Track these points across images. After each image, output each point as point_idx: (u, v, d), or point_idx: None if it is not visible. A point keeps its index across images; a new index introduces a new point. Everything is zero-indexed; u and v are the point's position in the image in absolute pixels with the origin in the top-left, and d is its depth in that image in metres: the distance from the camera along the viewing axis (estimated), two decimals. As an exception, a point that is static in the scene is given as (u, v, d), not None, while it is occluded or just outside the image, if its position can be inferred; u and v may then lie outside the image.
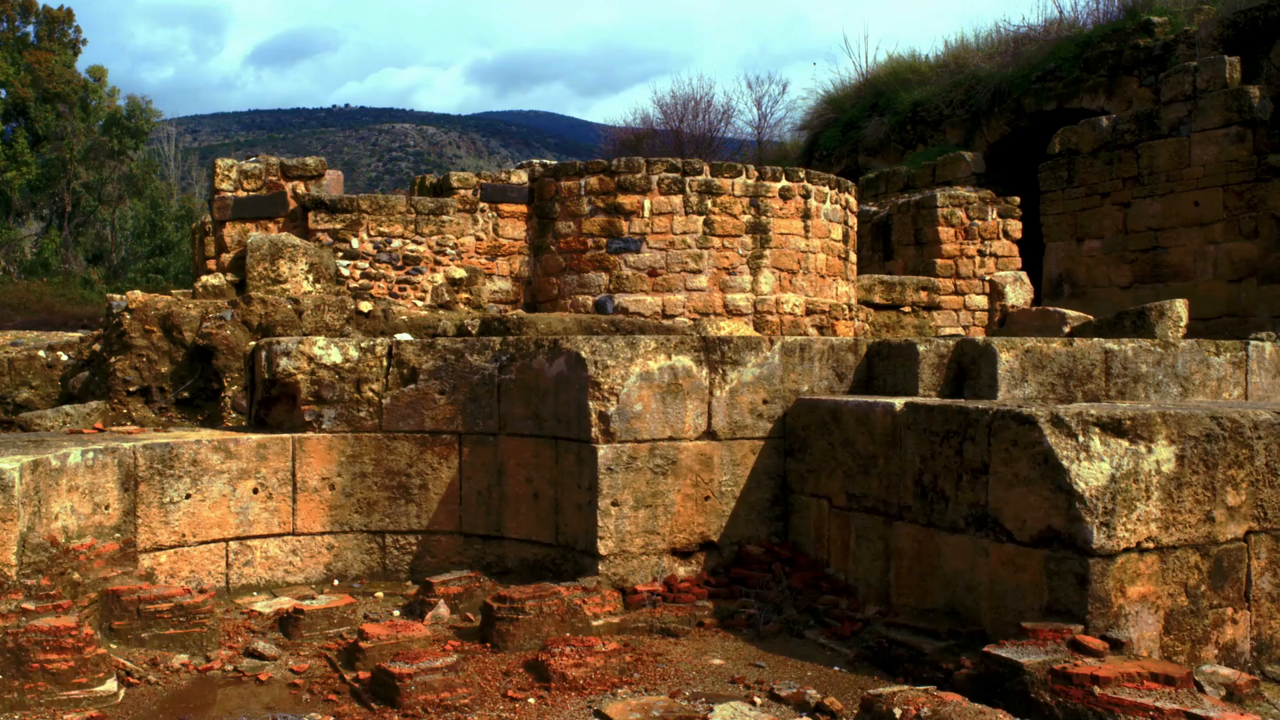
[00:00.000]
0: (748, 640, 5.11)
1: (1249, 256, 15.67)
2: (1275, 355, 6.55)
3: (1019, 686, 3.87)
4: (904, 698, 3.69)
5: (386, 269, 11.41)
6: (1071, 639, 4.08)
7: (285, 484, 6.16)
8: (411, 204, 11.54)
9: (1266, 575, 4.66)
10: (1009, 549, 4.48)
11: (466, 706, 4.18)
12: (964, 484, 4.69)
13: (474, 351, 6.27)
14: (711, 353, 5.77)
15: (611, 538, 5.54)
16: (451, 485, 6.29)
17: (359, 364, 6.32)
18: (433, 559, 6.31)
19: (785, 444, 5.88)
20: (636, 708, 4.07)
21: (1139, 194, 16.88)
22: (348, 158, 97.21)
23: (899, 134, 23.23)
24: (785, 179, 12.11)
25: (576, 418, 5.69)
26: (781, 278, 11.92)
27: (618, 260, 11.58)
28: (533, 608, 5.02)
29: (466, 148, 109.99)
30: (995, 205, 16.33)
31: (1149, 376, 6.02)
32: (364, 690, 4.36)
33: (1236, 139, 15.75)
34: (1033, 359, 5.67)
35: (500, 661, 4.76)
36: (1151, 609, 4.35)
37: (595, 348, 5.61)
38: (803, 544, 5.76)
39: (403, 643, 4.69)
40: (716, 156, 27.56)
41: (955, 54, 24.14)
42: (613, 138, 35.53)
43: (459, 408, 6.25)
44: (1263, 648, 4.65)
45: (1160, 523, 4.37)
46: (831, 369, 6.04)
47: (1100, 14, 20.59)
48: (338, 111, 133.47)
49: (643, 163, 11.84)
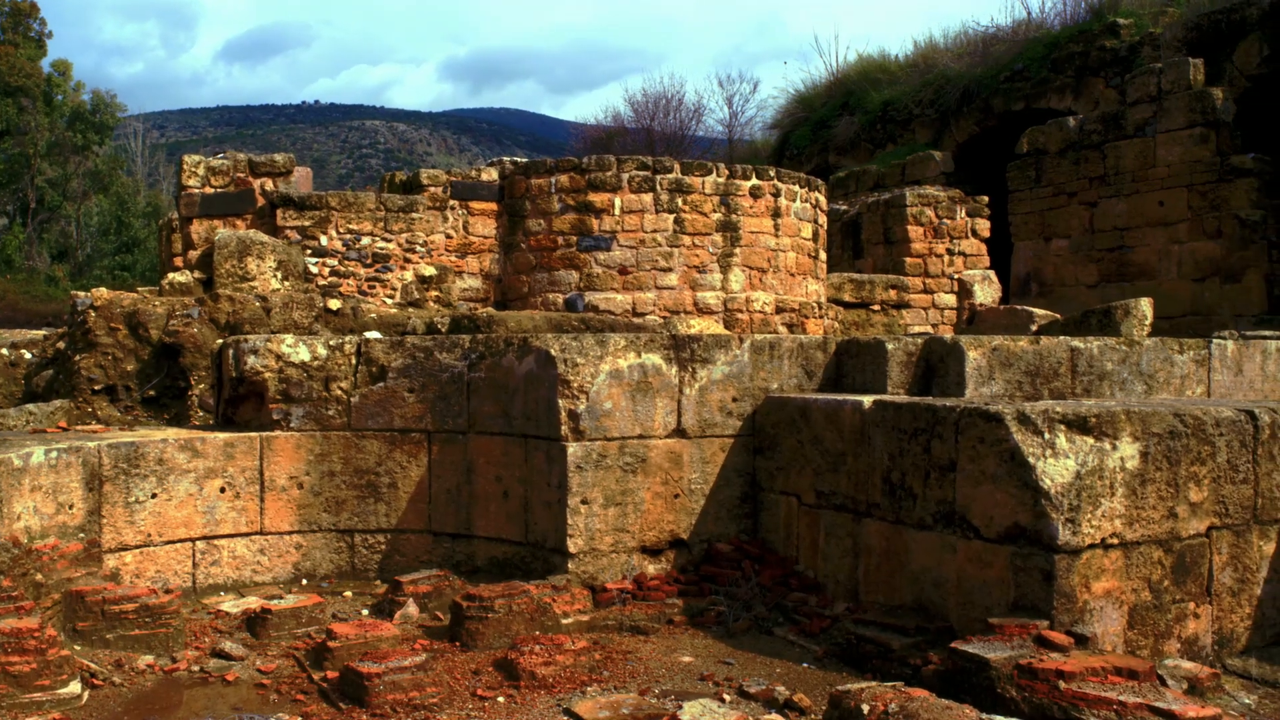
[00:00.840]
0: (717, 637, 5.12)
1: (1212, 256, 15.86)
2: (1237, 353, 6.63)
3: (986, 682, 3.90)
4: (872, 694, 3.70)
5: (356, 266, 11.35)
6: (1037, 634, 4.11)
7: (253, 483, 6.12)
8: (381, 201, 11.49)
9: (1228, 570, 4.72)
10: (976, 546, 4.52)
11: (435, 706, 4.16)
12: (932, 481, 4.72)
13: (443, 349, 6.25)
14: (681, 351, 5.77)
15: (581, 536, 5.53)
16: (421, 484, 6.26)
17: (327, 362, 6.28)
18: (402, 558, 6.28)
19: (755, 442, 5.90)
20: (606, 705, 4.07)
21: (1105, 194, 17.05)
22: (317, 154, 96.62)
23: (869, 133, 23.35)
24: (755, 177, 12.14)
25: (546, 416, 5.69)
26: (752, 276, 11.95)
27: (588, 258, 11.57)
28: (502, 606, 5.01)
29: (437, 145, 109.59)
30: (964, 204, 16.45)
31: (1114, 374, 6.08)
32: (332, 690, 4.34)
33: (1200, 140, 15.93)
34: (1000, 357, 5.71)
35: (469, 660, 4.75)
36: (1116, 604, 4.39)
37: (565, 346, 5.60)
38: (772, 541, 5.78)
39: (371, 642, 4.67)
40: (687, 155, 27.59)
41: (924, 54, 24.29)
42: (584, 135, 35.52)
43: (428, 406, 6.22)
44: (1224, 641, 4.71)
45: (1124, 519, 4.42)
46: (801, 367, 6.06)
47: (1067, 15, 20.79)
48: (307, 108, 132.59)
49: (613, 161, 11.84)
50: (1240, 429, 4.77)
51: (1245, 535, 4.78)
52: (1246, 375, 6.69)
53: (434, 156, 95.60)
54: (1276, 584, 4.89)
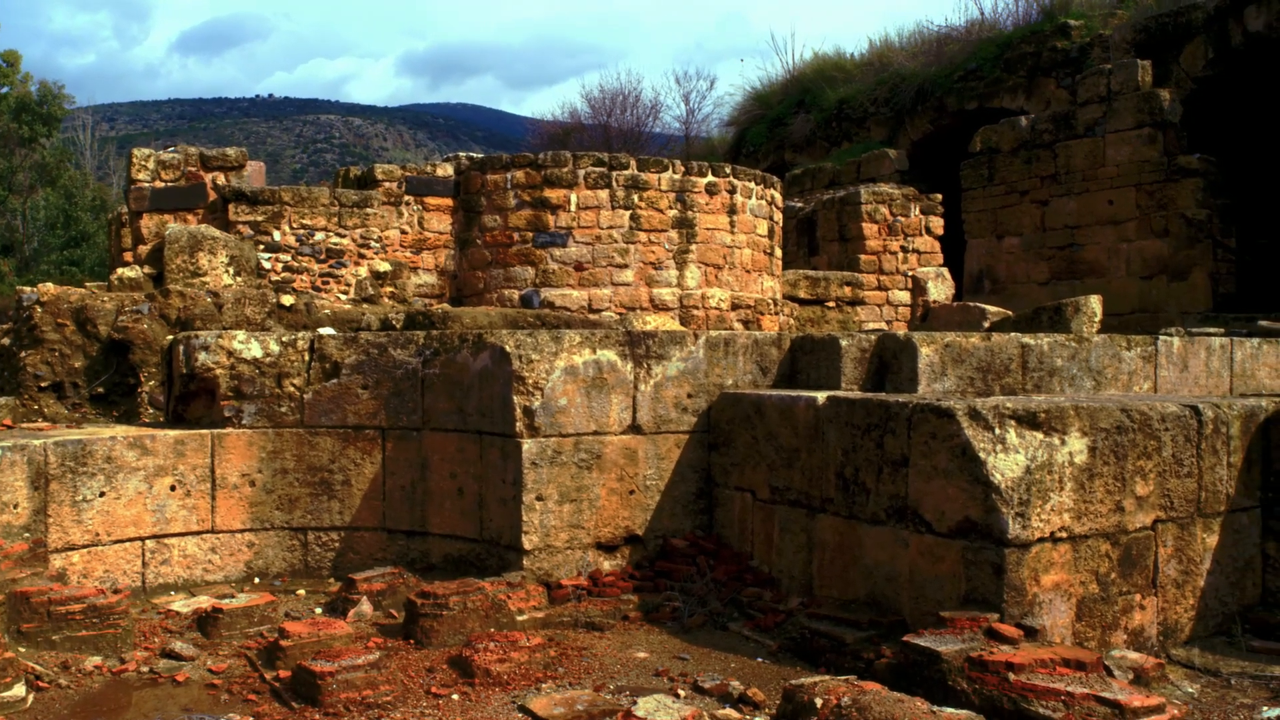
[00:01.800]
0: (672, 633, 5.14)
1: (1160, 254, 16.12)
2: (1182, 350, 6.75)
3: (937, 674, 3.94)
4: (825, 687, 3.73)
5: (309, 262, 11.24)
6: (988, 627, 4.16)
7: (204, 481, 6.05)
8: (335, 196, 11.38)
9: (1172, 562, 4.81)
10: (928, 540, 4.56)
11: (389, 704, 4.14)
12: (885, 476, 4.76)
13: (397, 346, 6.21)
14: (636, 347, 5.78)
15: (536, 532, 5.52)
16: (375, 481, 6.22)
17: (280, 358, 6.22)
18: (356, 556, 6.23)
19: (710, 438, 5.92)
20: (561, 702, 4.07)
21: (1056, 192, 17.28)
22: (271, 149, 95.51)
23: (825, 131, 23.48)
24: (711, 174, 12.17)
25: (501, 412, 5.67)
26: (707, 272, 11.98)
27: (544, 254, 11.54)
28: (457, 603, 4.99)
29: (393, 140, 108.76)
30: (918, 202, 16.60)
31: (1064, 370, 6.17)
32: (284, 689, 4.30)
33: (1148, 140, 16.19)
34: (952, 353, 5.77)
35: (424, 658, 4.72)
36: (1064, 597, 4.46)
37: (520, 342, 5.59)
38: (727, 537, 5.80)
39: (325, 641, 4.63)
40: (644, 151, 27.60)
41: (880, 53, 24.48)
42: (541, 131, 35.41)
43: (382, 402, 6.18)
44: (1168, 632, 4.79)
45: (1073, 513, 4.48)
46: (755, 363, 6.09)
47: (1020, 16, 21.02)
48: (261, 101, 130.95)
49: (569, 157, 11.82)
50: (1185, 424, 4.86)
51: (1189, 528, 4.87)
52: (1191, 371, 6.81)
53: (390, 152, 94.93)
54: (1219, 575, 4.98)
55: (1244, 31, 15.79)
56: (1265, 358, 7.23)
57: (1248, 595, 5.10)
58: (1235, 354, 7.09)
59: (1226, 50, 16.06)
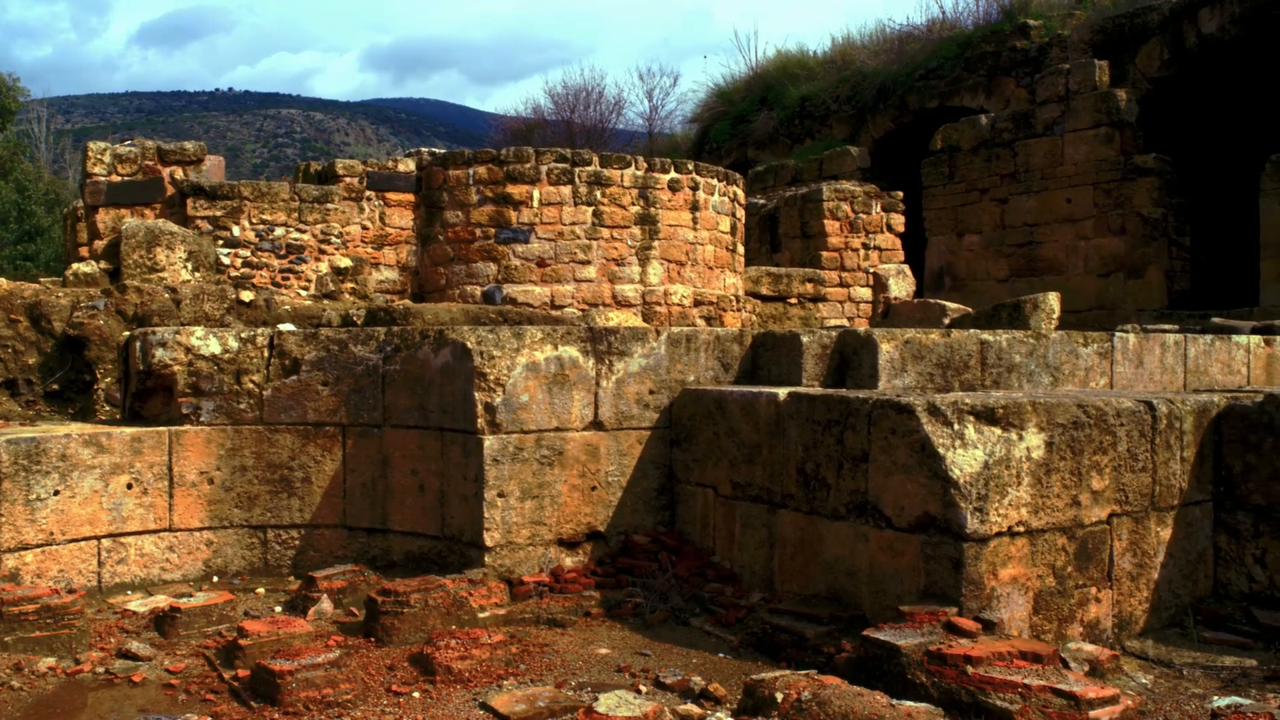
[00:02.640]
0: (634, 629, 5.14)
1: (1117, 252, 16.34)
2: (1138, 346, 6.84)
3: (897, 668, 3.97)
4: (785, 682, 3.75)
5: (269, 258, 11.15)
6: (946, 621, 4.20)
7: (161, 479, 5.98)
8: (295, 191, 11.29)
9: (1127, 555, 4.87)
10: (888, 535, 4.59)
11: (350, 702, 4.12)
12: (845, 472, 4.79)
13: (358, 342, 6.17)
14: (598, 343, 5.78)
15: (498, 529, 5.51)
16: (335, 478, 6.18)
17: (239, 355, 6.16)
18: (316, 553, 6.19)
19: (671, 434, 5.93)
20: (522, 699, 4.06)
21: (1016, 190, 17.47)
22: (231, 143, 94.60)
23: (787, 128, 23.59)
24: (674, 171, 12.19)
25: (462, 409, 5.65)
26: (670, 269, 12.00)
27: (506, 250, 11.51)
28: (418, 601, 4.97)
29: (355, 135, 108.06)
30: (879, 199, 16.72)
31: (1022, 366, 6.23)
32: (243, 689, 4.26)
33: (1105, 139, 16.39)
34: (912, 350, 5.82)
35: (384, 656, 4.70)
36: (1022, 590, 4.51)
37: (481, 338, 5.57)
38: (689, 533, 5.82)
39: (284, 639, 4.60)
40: (607, 148, 27.57)
41: (842, 51, 24.62)
42: (504, 127, 35.32)
43: (343, 399, 6.14)
44: (1123, 624, 4.86)
45: (1030, 507, 4.53)
46: (717, 359, 6.11)
47: (980, 15, 21.23)
48: (221, 95, 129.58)
49: (532, 153, 11.80)
50: (1140, 419, 4.93)
51: (1144, 522, 4.94)
52: (1147, 367, 6.91)
53: (352, 147, 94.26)
54: (1173, 568, 5.06)
55: (1198, 33, 16.04)
56: (1218, 354, 7.35)
57: (1200, 587, 5.19)
58: (1189, 350, 7.19)
59: (1181, 52, 16.30)
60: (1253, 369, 7.59)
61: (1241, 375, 7.52)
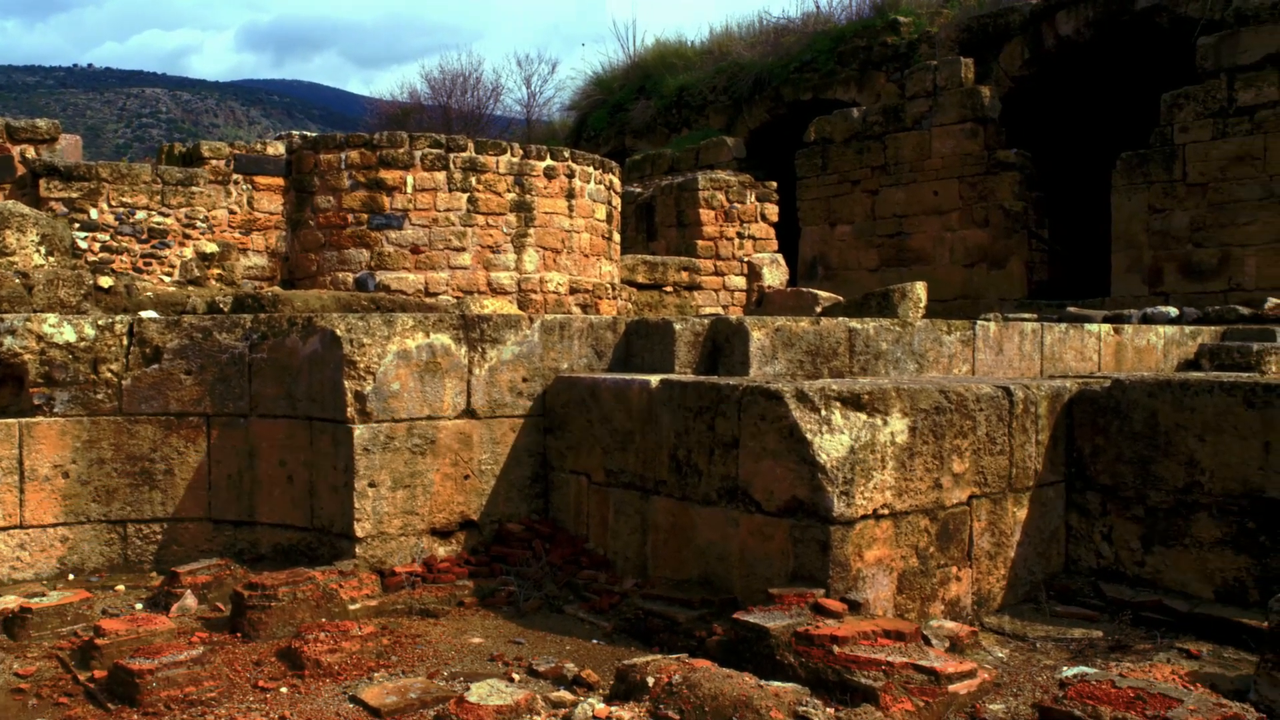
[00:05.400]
0: (508, 618, 5.13)
1: (981, 243, 16.90)
2: (998, 334, 7.10)
3: (766, 650, 4.05)
4: (657, 666, 3.79)
5: (130, 242, 10.73)
6: (814, 602, 4.30)
7: (11, 473, 5.71)
8: (158, 173, 10.89)
9: (986, 535, 5.06)
10: (758, 519, 4.68)
11: (214, 700, 4.01)
12: (716, 458, 4.85)
13: (223, 329, 5.99)
14: (471, 331, 5.73)
15: (369, 519, 5.43)
16: (200, 470, 6.00)
17: (96, 343, 5.92)
18: (180, 548, 6.00)
19: (545, 422, 5.92)
20: (393, 690, 4.02)
21: (886, 182, 17.91)
22: (91, 123, 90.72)
23: (665, 117, 23.71)
24: (550, 158, 12.15)
25: (332, 398, 5.54)
26: (546, 257, 11.96)
27: (379, 237, 11.32)
28: (286, 594, 4.87)
29: (225, 116, 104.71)
30: (754, 189, 16.94)
31: (889, 354, 6.40)
32: (100, 690, 4.11)
33: (970, 135, 16.93)
34: (783, 337, 5.92)
35: (251, 651, 4.59)
36: (886, 571, 4.64)
37: (351, 326, 5.47)
38: (563, 520, 5.82)
39: (144, 637, 4.45)
40: (485, 134, 27.31)
41: (719, 41, 24.86)
42: (380, 111, 34.69)
43: (207, 388, 5.96)
44: (982, 601, 5.05)
45: (894, 490, 4.67)
46: (591, 347, 6.12)
47: (853, 11, 21.68)
48: (80, 72, 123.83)
49: (406, 137, 11.61)
50: (998, 404, 5.12)
51: (1001, 503, 5.14)
52: (1006, 354, 7.17)
53: (221, 129, 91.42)
54: (1028, 547, 5.28)
55: (1056, 35, 16.68)
56: (1071, 342, 7.67)
57: (1053, 564, 5.42)
58: (1045, 338, 7.49)
59: (1041, 52, 16.93)
60: (1103, 356, 7.95)
61: (1093, 362, 7.87)
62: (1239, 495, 4.90)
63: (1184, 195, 14.37)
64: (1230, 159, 13.96)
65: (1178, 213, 14.42)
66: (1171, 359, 8.67)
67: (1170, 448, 5.12)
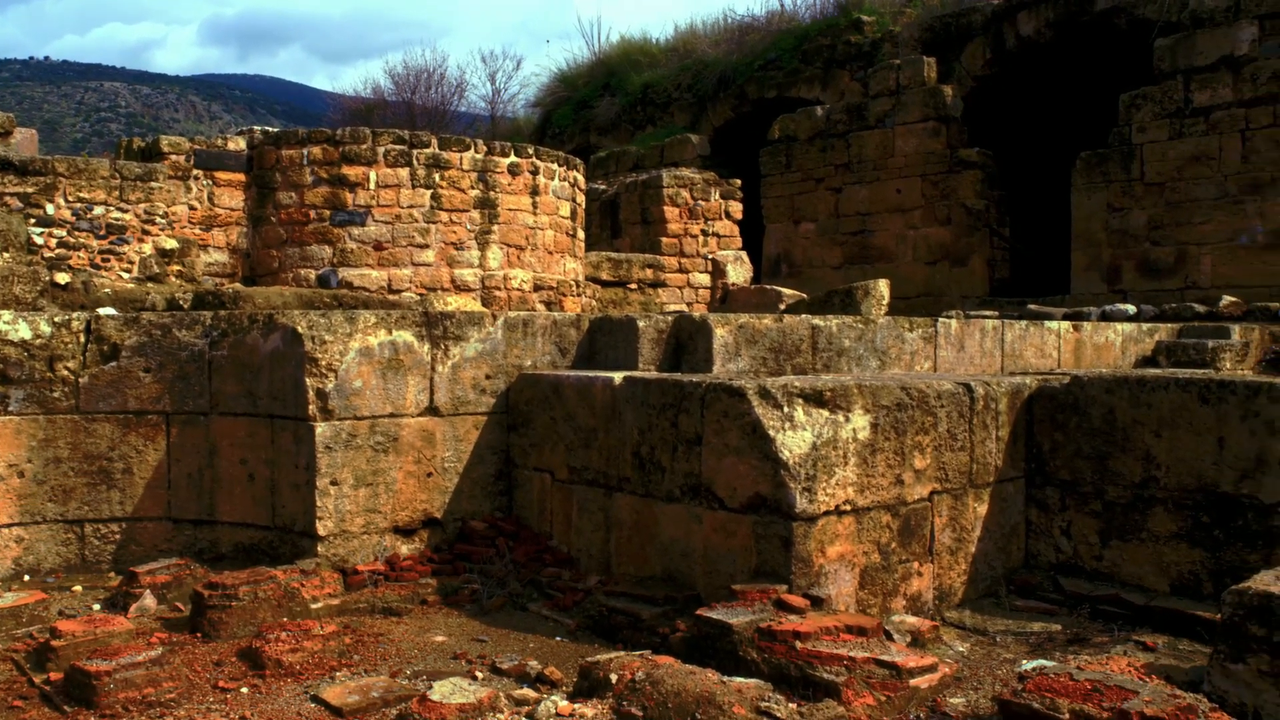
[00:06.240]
0: (471, 616, 5.12)
1: (943, 241, 17.03)
2: (960, 332, 7.16)
3: (729, 646, 4.06)
4: (620, 663, 3.80)
5: (88, 238, 10.58)
6: (777, 598, 4.31)
7: (-35, 472, 5.62)
8: (116, 169, 10.74)
9: (947, 531, 5.10)
10: (721, 516, 4.69)
11: (173, 701, 3.97)
12: (679, 455, 4.86)
13: (182, 327, 5.93)
14: (434, 328, 5.71)
15: (331, 518, 5.39)
16: (159, 468, 5.93)
17: (52, 340, 5.84)
18: (139, 548, 5.93)
19: (509, 419, 5.91)
20: (355, 689, 3.99)
21: (849, 180, 18.00)
22: (48, 116, 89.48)
23: (630, 115, 23.71)
24: (514, 155, 12.11)
25: (293, 395, 5.50)
26: (510, 254, 11.93)
27: (342, 233, 11.24)
28: (247, 593, 4.82)
29: (186, 111, 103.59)
30: (718, 187, 16.97)
31: (851, 351, 6.44)
32: (56, 693, 4.05)
33: (933, 133, 17.05)
34: (746, 334, 5.94)
35: (212, 652, 4.55)
36: (849, 567, 4.67)
37: (312, 323, 5.43)
38: (527, 518, 5.81)
39: (102, 639, 4.39)
40: (450, 130, 27.18)
41: (684, 39, 24.88)
42: (343, 107, 34.46)
43: (166, 386, 5.90)
44: (943, 596, 5.09)
45: (856, 486, 4.69)
46: (555, 344, 6.11)
47: (817, 9, 21.77)
48: (37, 64, 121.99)
49: (368, 133, 11.54)
50: (959, 401, 5.16)
51: (962, 498, 5.18)
52: (968, 351, 7.23)
53: (182, 123, 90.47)
54: (989, 542, 5.33)
55: (1017, 35, 16.83)
56: (1031, 339, 7.75)
57: (1013, 559, 5.48)
58: (1006, 335, 7.57)
59: (1003, 52, 17.08)
60: (1063, 353, 8.04)
61: (1053, 359, 7.95)
62: (1194, 490, 4.97)
63: (1142, 194, 14.55)
64: (1186, 159, 14.15)
65: (1136, 212, 14.60)
66: (1129, 356, 8.79)
67: (1127, 443, 5.19)
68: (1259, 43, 13.58)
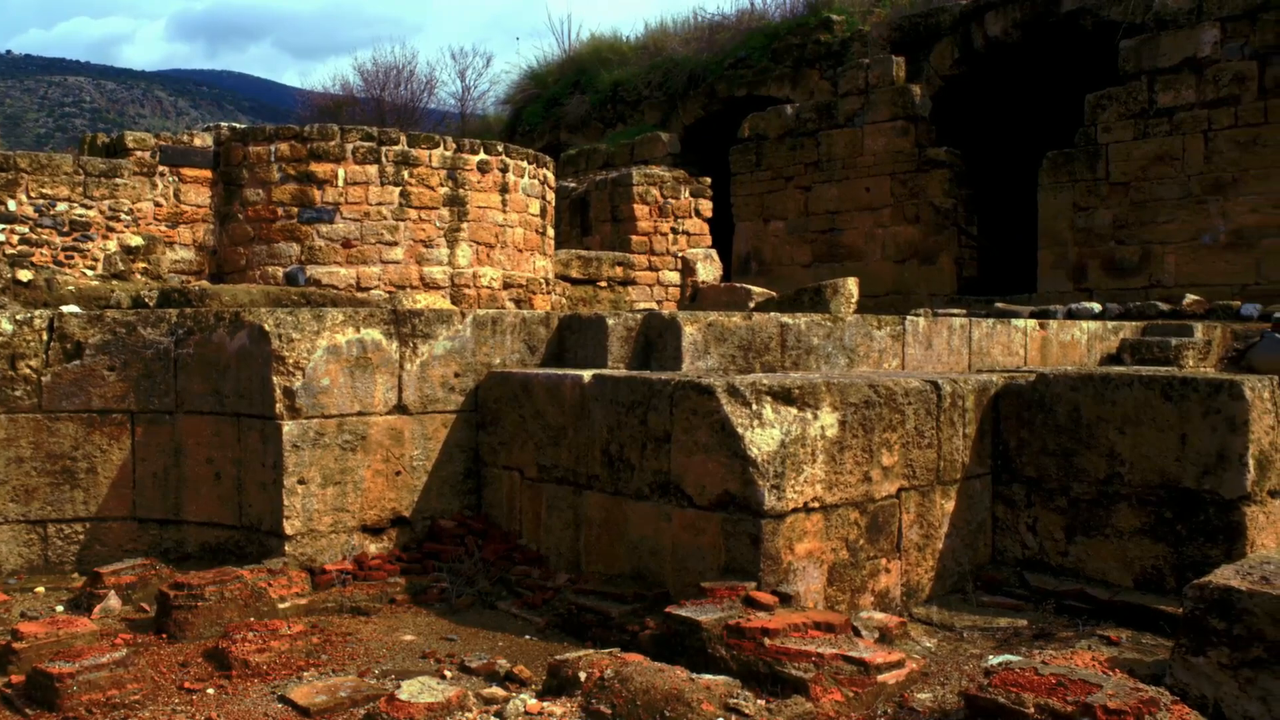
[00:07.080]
0: (440, 614, 5.10)
1: (912, 239, 17.13)
2: (928, 329, 7.20)
3: (698, 643, 4.07)
4: (589, 661, 3.80)
5: (51, 235, 10.46)
6: (746, 596, 4.33)
7: (-76, 472, 5.55)
8: (80, 164, 10.62)
9: (915, 527, 5.14)
10: (690, 514, 4.70)
11: (138, 703, 3.93)
12: (649, 452, 4.87)
13: (147, 324, 5.87)
14: (402, 325, 5.68)
15: (298, 517, 5.36)
16: (124, 468, 5.87)
17: (14, 338, 5.77)
18: (104, 548, 5.87)
19: (478, 417, 5.89)
20: (323, 689, 3.97)
21: (819, 179, 18.07)
22: (11, 111, 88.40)
23: (600, 112, 23.69)
24: (483, 152, 12.08)
25: (260, 393, 5.46)
26: (479, 251, 11.89)
27: (310, 230, 11.16)
28: (213, 593, 4.79)
29: (152, 107, 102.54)
30: (688, 185, 16.98)
31: (820, 349, 6.46)
32: (18, 696, 4.00)
33: (902, 132, 17.14)
34: (715, 332, 5.95)
35: (178, 652, 4.51)
36: (817, 563, 4.69)
37: (280, 320, 5.39)
38: (496, 516, 5.80)
39: (65, 640, 4.34)
40: (419, 127, 27.07)
41: (655, 37, 24.88)
42: (312, 103, 34.25)
43: (131, 385, 5.84)
44: (911, 592, 5.13)
45: (825, 483, 4.72)
46: (524, 342, 6.10)
47: (787, 8, 21.82)
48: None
49: (337, 130, 11.47)
50: (926, 398, 5.19)
51: (930, 495, 5.22)
52: (935, 349, 7.28)
53: (148, 119, 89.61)
54: (956, 538, 5.37)
55: (985, 35, 16.95)
56: (998, 336, 7.81)
57: (980, 555, 5.52)
58: (973, 333, 7.62)
59: (971, 52, 17.19)
60: (1029, 350, 8.11)
61: (1019, 356, 8.02)
62: (1157, 486, 5.03)
63: (1107, 194, 14.69)
64: (1151, 159, 14.30)
65: (1101, 211, 14.74)
66: (1095, 354, 8.88)
67: (1092, 440, 5.24)
68: (1221, 45, 13.74)
